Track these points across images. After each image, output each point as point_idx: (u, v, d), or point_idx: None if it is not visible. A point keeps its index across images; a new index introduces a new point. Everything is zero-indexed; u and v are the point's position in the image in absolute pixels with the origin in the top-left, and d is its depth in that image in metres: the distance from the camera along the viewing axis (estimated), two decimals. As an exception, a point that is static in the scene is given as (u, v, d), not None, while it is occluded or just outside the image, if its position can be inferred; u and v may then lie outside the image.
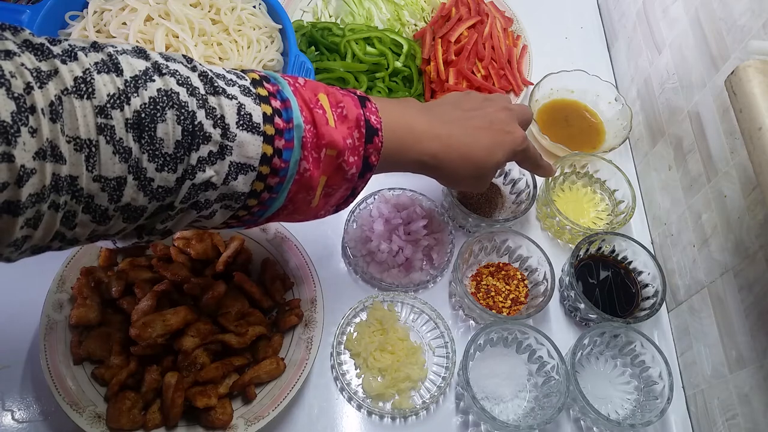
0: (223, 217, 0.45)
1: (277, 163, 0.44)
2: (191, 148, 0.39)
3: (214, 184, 0.42)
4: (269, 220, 0.50)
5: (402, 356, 0.67)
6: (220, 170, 0.41)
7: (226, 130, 0.41)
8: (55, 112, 0.34)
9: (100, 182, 0.37)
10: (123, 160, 0.37)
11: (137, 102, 0.37)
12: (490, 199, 0.80)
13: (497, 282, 0.74)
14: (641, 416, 0.66)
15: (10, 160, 0.32)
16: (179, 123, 0.39)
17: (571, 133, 0.87)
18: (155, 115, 0.38)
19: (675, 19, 0.79)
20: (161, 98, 0.38)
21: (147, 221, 0.42)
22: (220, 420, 0.59)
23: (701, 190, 0.71)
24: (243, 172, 0.43)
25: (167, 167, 0.39)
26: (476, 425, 0.66)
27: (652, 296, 0.72)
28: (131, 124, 0.37)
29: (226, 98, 0.42)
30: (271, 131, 0.43)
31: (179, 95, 0.39)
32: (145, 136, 0.37)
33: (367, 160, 0.49)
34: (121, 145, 0.36)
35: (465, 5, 0.90)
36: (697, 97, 0.72)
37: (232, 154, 0.42)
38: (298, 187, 0.46)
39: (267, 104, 0.44)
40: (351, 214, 0.75)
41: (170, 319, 0.59)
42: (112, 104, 0.36)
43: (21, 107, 0.32)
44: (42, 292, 0.62)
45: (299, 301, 0.67)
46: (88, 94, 0.35)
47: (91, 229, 0.39)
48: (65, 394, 0.57)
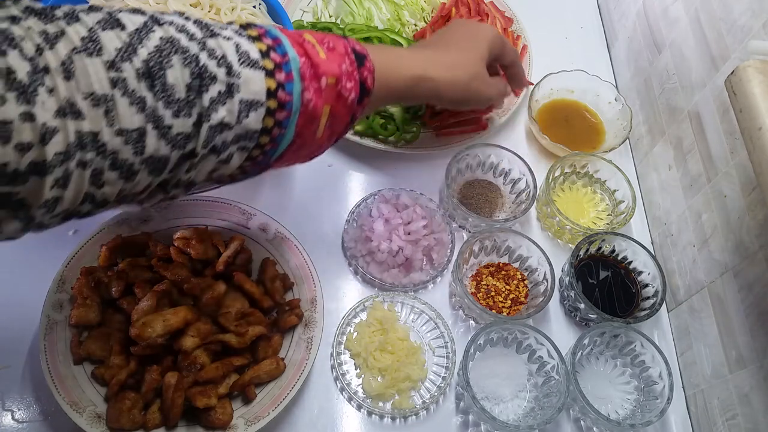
0: (239, 159, 0.46)
1: (283, 97, 0.45)
2: (201, 89, 0.41)
3: (229, 123, 0.43)
4: (280, 159, 0.50)
5: (402, 356, 0.67)
6: (232, 109, 0.43)
7: (230, 68, 0.42)
8: (68, 71, 0.35)
9: (122, 135, 0.37)
10: (140, 110, 0.38)
11: (144, 52, 0.38)
12: (490, 199, 0.80)
13: (497, 282, 0.74)
14: (641, 416, 0.66)
15: (32, 119, 0.33)
16: (186, 66, 0.40)
17: (571, 133, 0.87)
18: (162, 62, 0.39)
19: (675, 19, 0.79)
20: (165, 45, 0.39)
21: (171, 174, 0.43)
22: (220, 420, 0.59)
23: (701, 190, 0.71)
24: (253, 108, 0.44)
25: (183, 112, 0.40)
26: (476, 425, 0.66)
27: (652, 296, 0.72)
28: (142, 74, 0.38)
29: (223, 39, 0.43)
30: (270, 65, 0.45)
31: (180, 41, 0.40)
32: (157, 84, 0.38)
33: (364, 85, 0.51)
34: (135, 95, 0.37)
35: (465, 5, 0.90)
36: (697, 97, 0.72)
37: (240, 91, 0.43)
38: (304, 120, 0.47)
39: (260, 42, 0.45)
40: (351, 214, 0.75)
41: (170, 319, 0.59)
42: (120, 57, 0.37)
43: (35, 68, 0.33)
44: (42, 292, 0.62)
45: (299, 301, 0.67)
46: (97, 50, 0.36)
47: (119, 188, 0.40)
48: (65, 394, 0.57)
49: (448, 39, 0.66)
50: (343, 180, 0.81)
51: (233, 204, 0.71)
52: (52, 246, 0.68)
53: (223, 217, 0.70)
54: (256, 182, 0.77)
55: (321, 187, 0.80)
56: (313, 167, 0.80)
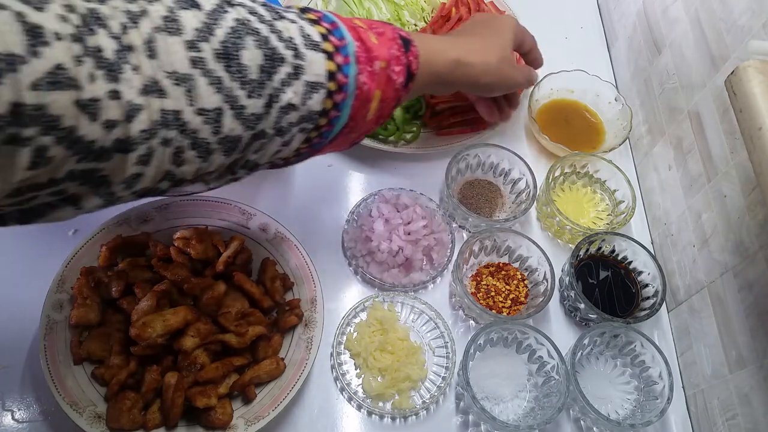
0: (299, 141, 0.48)
1: (341, 79, 0.46)
2: (272, 71, 0.41)
3: (295, 105, 0.44)
4: (332, 142, 0.51)
5: (402, 356, 0.67)
6: (298, 90, 0.44)
7: (297, 51, 0.43)
8: (152, 50, 0.36)
9: (202, 115, 0.38)
10: (218, 90, 0.39)
11: (221, 33, 0.39)
12: (490, 199, 0.80)
13: (497, 282, 0.74)
14: (641, 416, 0.66)
15: (118, 97, 0.33)
16: (259, 48, 0.41)
17: (571, 133, 0.87)
18: (238, 43, 0.40)
19: (675, 19, 0.79)
20: (239, 27, 0.40)
21: (241, 154, 0.44)
22: (220, 420, 0.59)
23: (701, 190, 0.71)
24: (316, 90, 0.45)
25: (255, 93, 0.41)
26: (476, 425, 0.66)
27: (652, 296, 0.72)
28: (219, 54, 0.39)
29: (289, 22, 0.44)
30: (330, 48, 0.46)
31: (252, 23, 0.41)
32: (233, 65, 0.39)
33: (410, 69, 0.52)
34: (213, 75, 0.38)
35: (465, 5, 0.90)
36: (697, 97, 0.72)
37: (305, 72, 0.44)
38: (359, 102, 0.49)
39: (319, 25, 0.47)
40: (351, 214, 0.75)
41: (170, 319, 0.59)
42: (199, 38, 0.38)
43: (121, 46, 0.34)
44: (42, 292, 0.62)
45: (299, 301, 0.67)
46: (177, 30, 0.37)
47: (196, 167, 0.41)
48: (65, 394, 0.57)
49: (472, 30, 0.69)
50: (343, 180, 0.81)
51: (233, 204, 0.71)
52: (52, 246, 0.68)
53: (223, 217, 0.70)
54: (256, 182, 0.77)
55: (321, 187, 0.80)
56: (313, 167, 0.80)
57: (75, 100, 0.32)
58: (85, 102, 0.32)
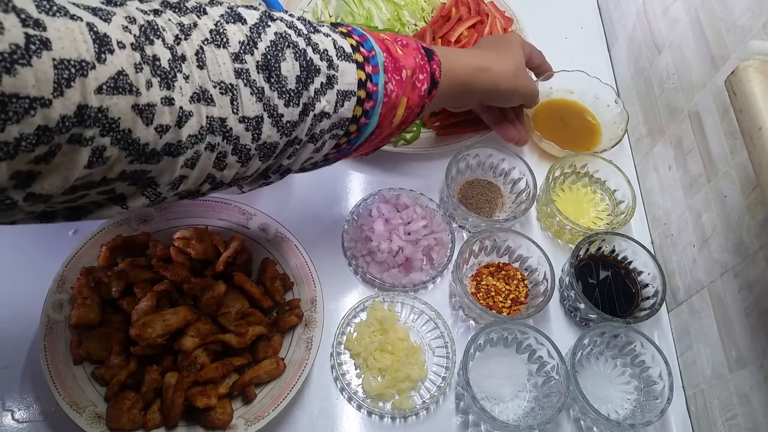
0: (329, 147, 0.50)
1: (370, 88, 0.49)
2: (308, 81, 0.44)
3: (328, 113, 0.46)
4: (360, 147, 0.54)
5: (402, 356, 0.67)
6: (331, 99, 0.46)
7: (331, 62, 0.46)
8: (201, 60, 0.38)
9: (244, 123, 0.41)
10: (258, 100, 0.41)
11: (262, 46, 0.41)
12: (490, 199, 0.80)
13: (497, 282, 0.74)
14: (641, 416, 0.66)
15: (171, 103, 0.36)
16: (296, 60, 0.43)
17: (566, 132, 0.87)
18: (278, 55, 0.42)
19: (675, 19, 0.79)
20: (279, 40, 0.42)
21: (275, 160, 0.46)
22: (220, 420, 0.59)
23: (701, 190, 0.71)
24: (348, 98, 0.47)
25: (292, 102, 0.43)
26: (476, 425, 0.66)
27: (652, 296, 0.72)
28: (261, 66, 0.41)
29: (324, 35, 0.47)
30: (360, 59, 0.48)
31: (291, 36, 0.43)
32: (273, 76, 0.42)
33: (433, 76, 0.55)
34: (255, 86, 0.41)
35: (465, 5, 0.90)
36: (697, 97, 0.72)
37: (338, 82, 0.46)
38: (386, 109, 0.51)
39: (350, 38, 0.49)
40: (351, 214, 0.75)
41: (170, 319, 0.59)
42: (243, 50, 0.40)
43: (175, 56, 0.36)
44: (42, 292, 0.62)
45: (299, 301, 0.67)
46: (224, 43, 0.40)
47: (236, 171, 0.43)
48: (65, 394, 0.57)
49: (484, 46, 0.72)
50: (343, 180, 0.81)
51: (233, 204, 0.71)
52: (52, 246, 0.68)
53: (223, 217, 0.70)
54: (256, 182, 0.77)
55: (321, 187, 0.80)
56: (313, 167, 0.81)
57: (133, 104, 0.34)
58: (141, 107, 0.34)
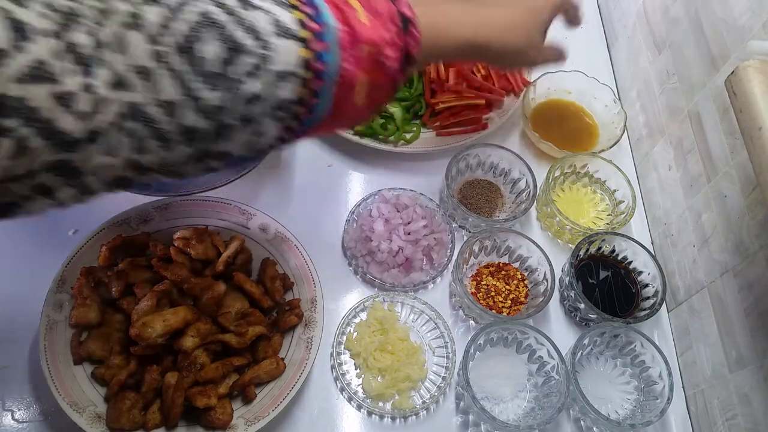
0: (275, 130, 0.47)
1: (318, 66, 0.45)
2: (235, 63, 0.42)
3: (260, 95, 0.44)
4: (319, 127, 0.50)
5: (402, 356, 0.67)
6: (266, 81, 0.43)
7: (264, 41, 0.43)
8: (120, 45, 0.37)
9: (163, 107, 0.40)
10: (178, 84, 0.40)
11: (184, 27, 0.40)
12: (490, 199, 0.80)
13: (497, 282, 0.74)
14: (641, 416, 0.66)
15: (90, 90, 0.35)
16: (221, 41, 0.41)
17: (563, 132, 0.87)
18: (200, 37, 0.40)
19: (675, 19, 0.79)
20: (203, 21, 0.41)
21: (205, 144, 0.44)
22: (220, 420, 0.59)
23: (701, 190, 0.71)
24: (285, 79, 0.44)
25: (216, 85, 0.41)
26: (476, 425, 0.66)
27: (652, 296, 0.72)
28: (181, 49, 0.40)
29: (262, 12, 0.44)
30: (306, 35, 0.45)
31: (217, 16, 0.42)
32: (196, 59, 0.40)
33: (408, 53, 0.50)
34: (174, 69, 0.39)
35: (465, 5, 0.90)
36: (697, 97, 0.72)
37: (273, 63, 0.43)
38: (341, 89, 0.47)
39: (297, 10, 0.45)
40: (351, 214, 0.75)
41: (170, 319, 0.59)
42: (162, 33, 0.39)
43: (94, 42, 0.36)
44: (42, 292, 0.62)
45: (299, 301, 0.67)
46: (142, 26, 0.39)
47: (160, 156, 0.42)
48: (65, 394, 0.57)
49: None
50: (343, 180, 0.81)
51: (233, 204, 0.71)
52: (52, 246, 0.68)
53: (223, 217, 0.70)
54: (256, 182, 0.77)
55: (321, 187, 0.80)
56: (313, 167, 0.81)
57: (52, 93, 0.34)
58: (61, 95, 0.34)
